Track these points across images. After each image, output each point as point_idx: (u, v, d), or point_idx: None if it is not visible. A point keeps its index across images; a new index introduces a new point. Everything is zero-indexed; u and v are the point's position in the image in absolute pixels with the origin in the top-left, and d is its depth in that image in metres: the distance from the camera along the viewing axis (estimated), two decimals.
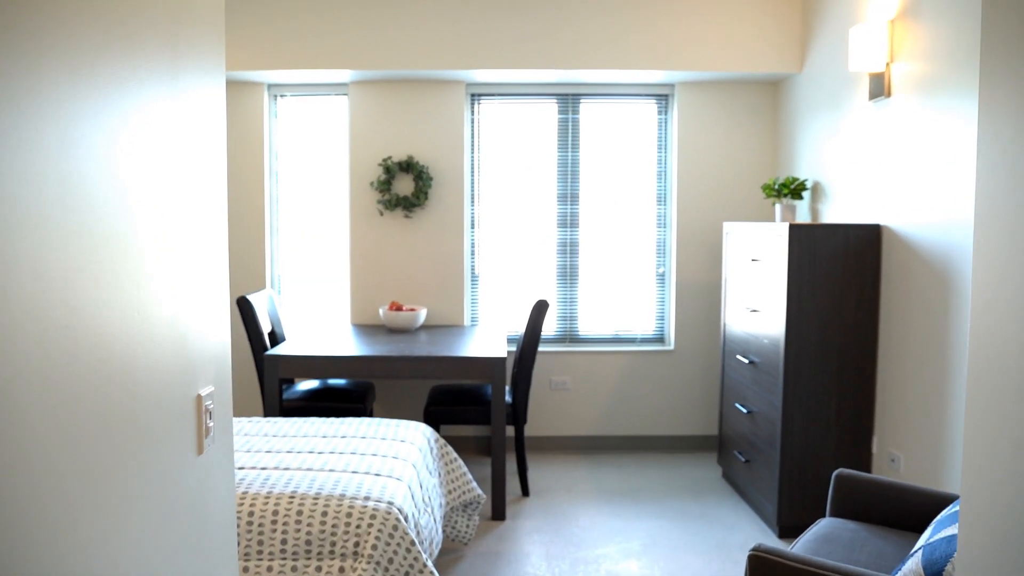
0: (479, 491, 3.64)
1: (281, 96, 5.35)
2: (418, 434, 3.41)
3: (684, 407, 5.34)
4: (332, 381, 4.78)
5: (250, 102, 5.26)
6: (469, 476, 3.65)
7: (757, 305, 4.12)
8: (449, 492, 3.52)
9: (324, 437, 3.30)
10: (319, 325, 5.18)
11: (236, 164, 5.29)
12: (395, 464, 3.01)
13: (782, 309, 3.78)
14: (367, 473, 2.90)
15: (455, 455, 3.65)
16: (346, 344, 4.44)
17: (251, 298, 4.51)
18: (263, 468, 2.92)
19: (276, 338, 4.80)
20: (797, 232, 3.74)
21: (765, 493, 4.00)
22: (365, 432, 3.37)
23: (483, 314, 5.40)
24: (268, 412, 4.17)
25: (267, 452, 3.12)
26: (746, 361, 4.22)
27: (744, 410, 4.26)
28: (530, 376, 4.46)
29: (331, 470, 2.91)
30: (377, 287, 5.29)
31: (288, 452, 3.11)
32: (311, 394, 4.55)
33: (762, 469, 4.03)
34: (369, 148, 5.22)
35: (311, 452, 3.10)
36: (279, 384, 4.19)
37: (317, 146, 5.37)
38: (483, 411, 4.42)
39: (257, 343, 4.43)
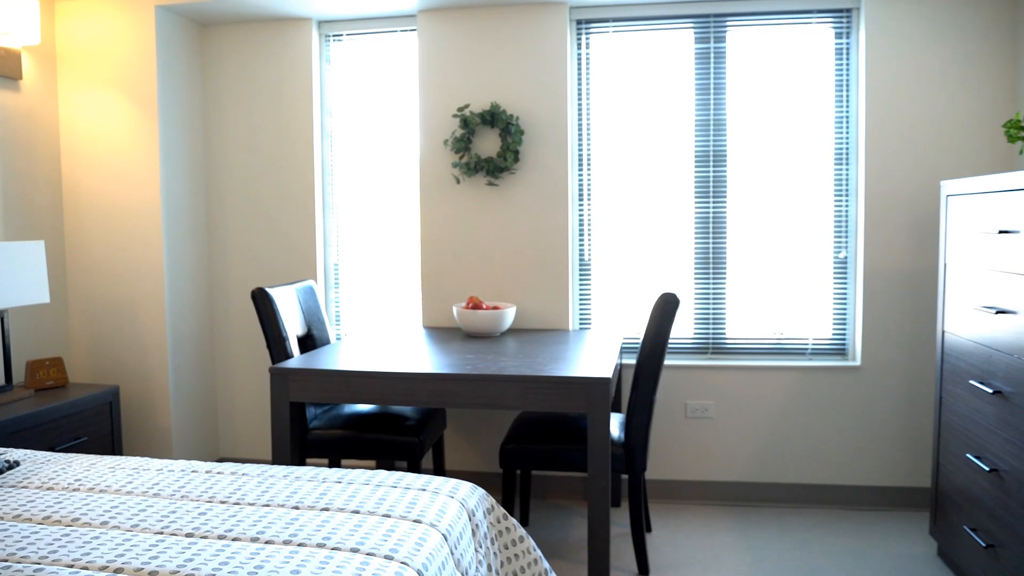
0: None
1: (335, 38, 4.19)
2: (451, 509, 2.11)
3: (877, 447, 3.80)
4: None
5: (296, 45, 4.13)
6: (543, 564, 2.33)
7: (1008, 302, 2.60)
8: None
9: (293, 508, 2.06)
10: (379, 327, 3.98)
11: (278, 125, 4.17)
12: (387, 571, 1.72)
13: None
14: None
15: (519, 533, 2.33)
16: (394, 355, 3.20)
17: (274, 292, 3.35)
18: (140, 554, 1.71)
19: (313, 343, 3.63)
20: None
21: None
22: (363, 501, 2.10)
23: (596, 315, 4.05)
24: (277, 450, 2.99)
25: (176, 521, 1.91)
26: (987, 390, 2.69)
27: (983, 466, 2.73)
28: (651, 401, 3.09)
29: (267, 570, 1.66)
30: (452, 277, 4.04)
31: (218, 535, 1.88)
32: (352, 420, 3.34)
33: (1017, 565, 2.49)
34: (442, 96, 3.99)
35: (254, 538, 1.86)
36: (292, 409, 3.00)
37: (379, 99, 4.18)
38: (581, 453, 3.09)
39: (277, 351, 3.27)
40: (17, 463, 2.48)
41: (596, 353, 3.20)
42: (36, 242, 3.41)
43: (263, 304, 3.28)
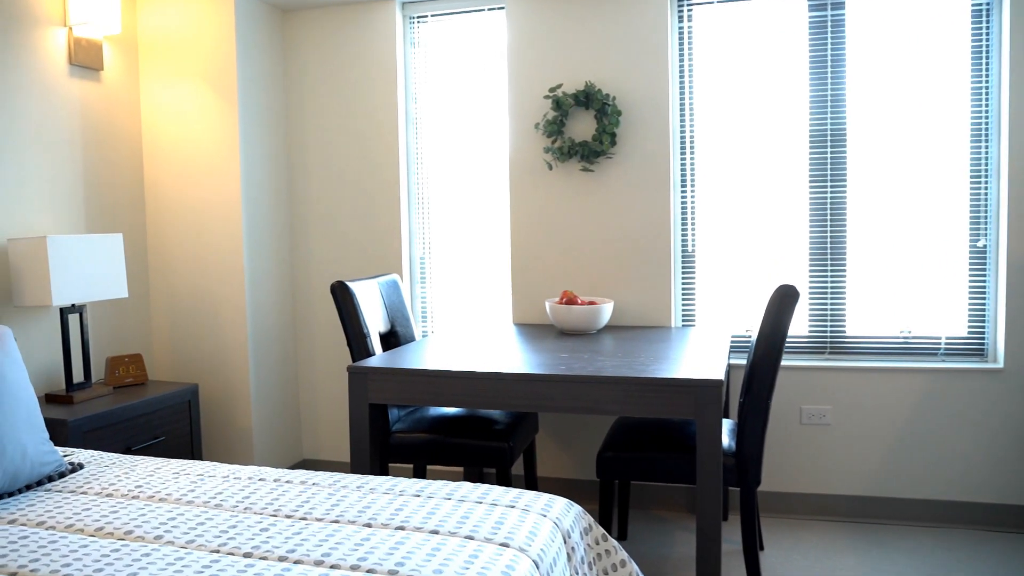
0: None
1: (419, 19, 3.98)
2: (543, 530, 1.85)
3: (1022, 460, 3.37)
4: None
5: (379, 28, 3.93)
6: None
7: None
8: None
9: (365, 525, 1.83)
10: (467, 324, 3.75)
11: (362, 112, 3.99)
12: None
13: None
14: None
15: (621, 556, 2.05)
16: (482, 353, 2.96)
17: (355, 285, 3.15)
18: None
19: (397, 340, 3.42)
20: None
21: None
22: (443, 519, 1.86)
23: (701, 311, 3.73)
24: (355, 455, 2.78)
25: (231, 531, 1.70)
26: None
27: None
28: (767, 406, 2.76)
29: None
30: (545, 271, 3.78)
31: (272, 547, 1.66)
32: (438, 424, 3.11)
33: None
34: (533, 76, 3.73)
35: (318, 562, 1.63)
36: (372, 411, 2.79)
37: (466, 83, 3.95)
38: (688, 463, 2.79)
39: (358, 348, 3.06)
40: (81, 466, 2.33)
41: (703, 352, 2.89)
42: (114, 235, 3.29)
43: (343, 298, 3.08)
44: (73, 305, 3.24)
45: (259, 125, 3.91)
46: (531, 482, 3.54)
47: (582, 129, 3.68)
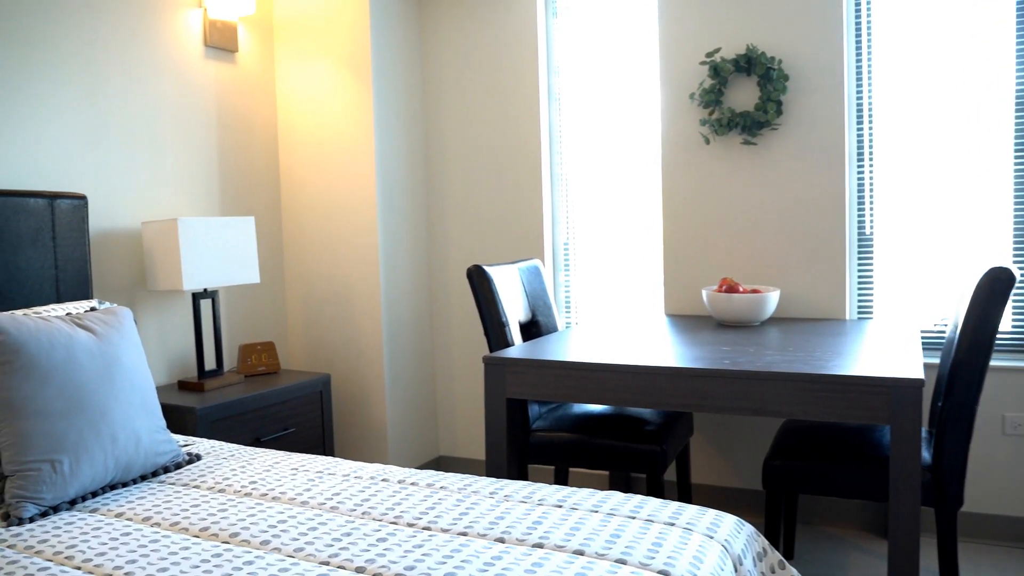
0: None
1: None
2: (711, 555, 1.52)
3: None
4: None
5: None
6: None
7: None
8: None
9: (497, 540, 1.55)
10: (615, 315, 3.44)
11: (501, 88, 3.74)
12: None
13: None
14: None
15: None
16: (632, 346, 2.65)
17: (493, 270, 2.90)
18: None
19: (538, 330, 3.15)
20: None
21: None
22: (589, 537, 1.56)
23: (880, 301, 3.27)
24: (491, 454, 2.52)
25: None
26: None
27: None
28: (972, 413, 2.32)
29: None
30: (701, 256, 3.41)
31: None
32: (582, 422, 2.81)
33: None
34: (687, 41, 3.37)
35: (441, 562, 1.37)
36: (510, 407, 2.52)
37: (613, 52, 3.63)
38: (874, 476, 2.38)
39: (496, 338, 2.81)
40: (198, 456, 2.18)
41: (891, 348, 2.47)
42: (246, 218, 3.17)
43: (480, 283, 2.83)
44: (205, 290, 3.14)
45: (394, 105, 3.73)
46: (684, 490, 3.20)
47: (743, 98, 3.30)
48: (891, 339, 2.63)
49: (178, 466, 2.11)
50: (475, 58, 3.80)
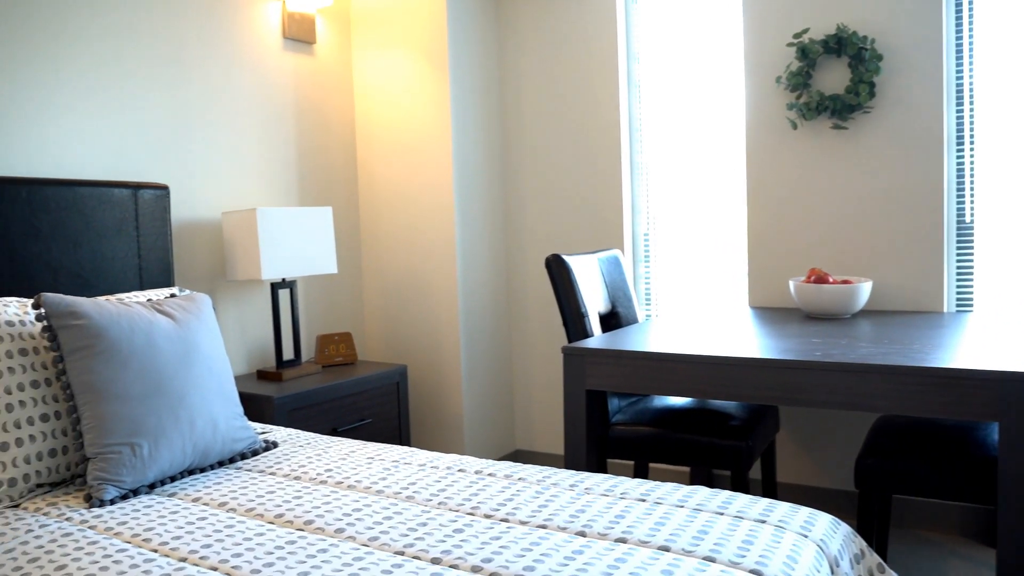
0: None
1: None
2: (806, 555, 1.42)
3: None
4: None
5: None
6: None
7: None
8: None
9: (578, 534, 1.48)
10: (696, 308, 3.34)
11: (580, 76, 3.67)
12: None
13: None
14: None
15: None
16: (716, 337, 2.55)
17: (572, 260, 2.83)
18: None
19: (618, 321, 3.06)
20: None
21: None
22: (675, 533, 1.48)
23: (981, 294, 3.09)
24: (570, 448, 2.45)
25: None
26: None
27: None
28: None
29: None
30: (787, 246, 3.28)
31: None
32: (664, 416, 2.72)
33: None
34: (772, 22, 3.24)
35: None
36: (590, 399, 2.45)
37: (695, 37, 3.52)
38: (979, 477, 2.23)
39: (575, 329, 2.74)
40: (275, 444, 2.17)
41: (998, 341, 2.31)
42: (324, 208, 3.17)
43: (559, 273, 2.77)
44: (283, 280, 3.15)
45: (471, 95, 3.69)
46: (769, 489, 3.07)
47: (833, 80, 3.15)
48: (995, 332, 2.47)
49: (255, 453, 2.10)
50: (553, 46, 3.74)
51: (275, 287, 3.10)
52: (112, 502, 1.76)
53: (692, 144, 3.55)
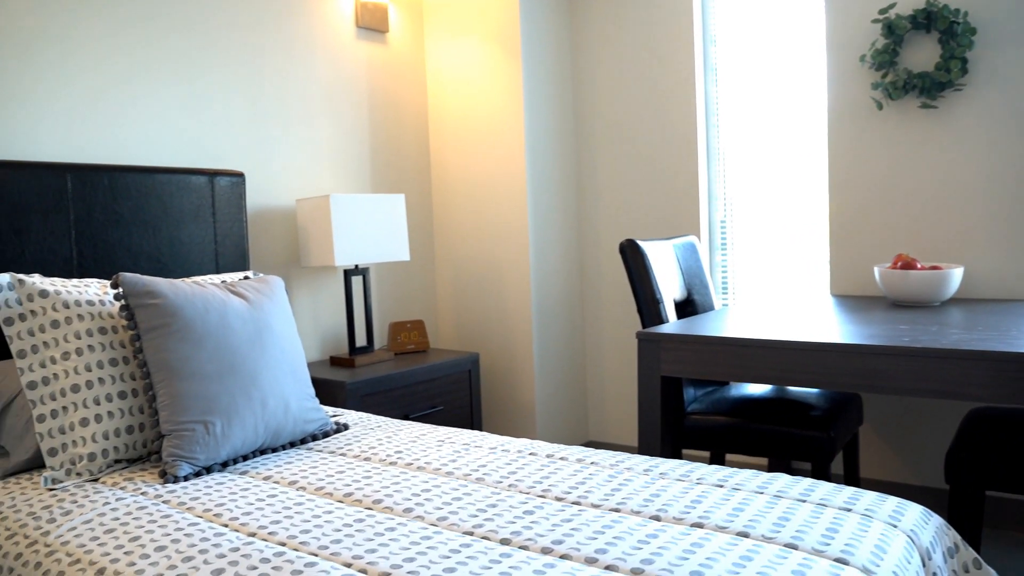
0: None
1: None
2: (895, 545, 1.34)
3: None
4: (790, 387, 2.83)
5: None
6: None
7: None
8: None
9: (652, 518, 1.43)
10: (775, 296, 3.24)
11: (655, 60, 3.59)
12: None
13: None
14: None
15: None
16: (796, 324, 2.46)
17: (647, 245, 2.77)
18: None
19: (694, 308, 2.99)
20: None
21: None
22: (754, 519, 1.41)
23: None
24: (644, 435, 2.39)
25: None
26: None
27: None
28: None
29: None
30: (872, 232, 3.15)
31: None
32: (741, 406, 2.64)
33: None
34: None
35: (590, 559, 1.26)
36: (665, 386, 2.39)
37: (774, 16, 3.41)
38: None
39: (649, 315, 2.67)
40: (346, 426, 2.17)
41: None
42: (396, 195, 3.17)
43: (633, 258, 2.70)
44: (356, 267, 3.16)
45: (544, 82, 3.65)
46: (852, 483, 2.96)
47: (921, 58, 3.01)
48: None
49: (326, 435, 2.10)
50: (627, 29, 3.67)
51: (348, 274, 3.11)
52: (186, 478, 1.78)
53: (771, 128, 3.44)
